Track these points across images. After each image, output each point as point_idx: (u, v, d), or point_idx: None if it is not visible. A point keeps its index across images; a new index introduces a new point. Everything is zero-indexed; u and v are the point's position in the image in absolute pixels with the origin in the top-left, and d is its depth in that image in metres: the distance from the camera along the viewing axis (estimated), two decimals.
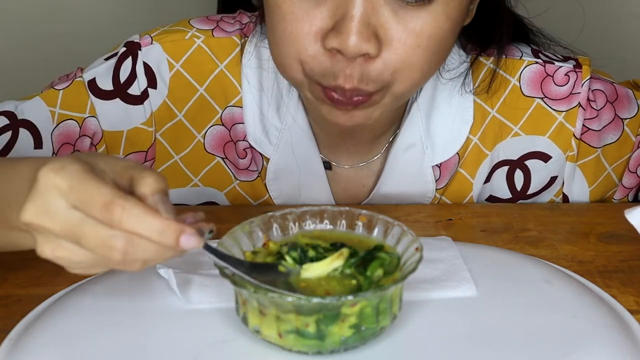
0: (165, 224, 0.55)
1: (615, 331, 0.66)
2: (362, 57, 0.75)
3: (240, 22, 0.96)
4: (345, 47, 0.74)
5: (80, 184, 0.55)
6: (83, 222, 0.55)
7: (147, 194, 0.56)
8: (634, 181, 0.98)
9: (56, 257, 0.57)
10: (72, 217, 0.55)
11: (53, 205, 0.55)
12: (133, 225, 0.54)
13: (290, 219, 0.69)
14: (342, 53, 0.75)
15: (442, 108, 0.94)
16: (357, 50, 0.74)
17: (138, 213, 0.54)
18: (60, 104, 0.93)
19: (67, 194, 0.55)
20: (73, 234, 0.55)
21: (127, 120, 0.95)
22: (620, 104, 0.97)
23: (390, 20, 0.75)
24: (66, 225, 0.55)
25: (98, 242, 0.55)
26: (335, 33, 0.74)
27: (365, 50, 0.74)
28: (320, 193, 0.96)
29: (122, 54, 0.94)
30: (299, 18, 0.76)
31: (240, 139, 0.96)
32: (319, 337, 0.59)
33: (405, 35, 0.76)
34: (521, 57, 0.96)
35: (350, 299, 0.57)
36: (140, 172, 0.57)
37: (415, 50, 0.76)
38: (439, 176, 0.96)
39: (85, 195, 0.55)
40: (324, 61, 0.77)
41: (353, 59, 0.75)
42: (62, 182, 0.55)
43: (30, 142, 0.92)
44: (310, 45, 0.76)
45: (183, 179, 0.98)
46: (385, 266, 0.63)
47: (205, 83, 0.95)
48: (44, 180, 0.55)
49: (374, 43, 0.74)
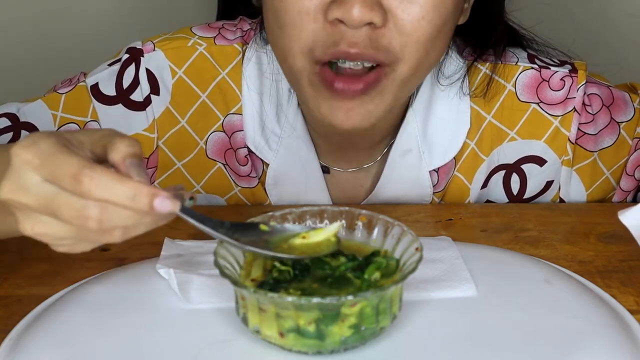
0: (137, 188, 0.54)
1: (615, 331, 0.66)
2: (367, 26, 0.75)
3: (242, 30, 0.97)
4: (349, 16, 0.73)
5: (50, 158, 0.55)
6: (57, 195, 0.55)
7: (119, 160, 0.56)
8: (632, 184, 0.98)
9: (36, 234, 0.57)
10: (46, 190, 0.55)
11: (27, 180, 0.56)
12: (103, 193, 0.54)
13: (290, 219, 0.69)
14: (346, 23, 0.74)
15: (438, 113, 0.94)
16: (361, 19, 0.73)
17: (106, 181, 0.54)
18: (63, 108, 0.94)
19: (38, 168, 0.55)
20: (49, 207, 0.56)
21: (129, 126, 0.95)
22: (617, 107, 0.97)
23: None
24: (41, 199, 0.56)
25: (73, 214, 0.55)
26: (338, 4, 0.74)
27: (370, 19, 0.74)
28: (319, 197, 0.96)
29: (125, 61, 0.94)
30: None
31: (240, 147, 0.96)
32: (318, 337, 0.59)
33: (409, 5, 0.76)
34: (517, 62, 0.96)
35: (350, 299, 0.57)
36: (113, 139, 0.58)
37: (420, 22, 0.76)
38: (437, 181, 0.96)
39: (55, 168, 0.55)
40: (324, 34, 0.76)
41: (358, 28, 0.75)
42: (34, 157, 0.55)
43: None
44: (310, 21, 0.76)
45: (186, 186, 0.98)
46: (383, 269, 0.63)
47: (207, 90, 0.95)
48: (16, 157, 0.56)
49: (378, 11, 0.74)
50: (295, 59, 0.79)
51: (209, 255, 0.63)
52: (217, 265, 0.61)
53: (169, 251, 0.75)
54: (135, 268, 0.75)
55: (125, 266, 0.76)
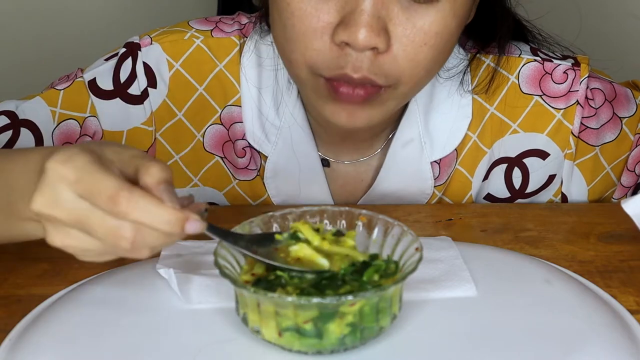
0: (172, 213, 0.57)
1: (615, 331, 0.66)
2: (371, 51, 0.75)
3: (239, 23, 0.97)
4: (354, 39, 0.74)
5: (87, 175, 0.57)
6: (91, 212, 0.57)
7: (152, 184, 0.58)
8: (632, 180, 0.98)
9: (65, 246, 0.59)
10: (80, 207, 0.57)
11: (61, 195, 0.57)
12: (140, 215, 0.56)
13: (291, 219, 0.69)
14: (351, 46, 0.75)
15: (440, 104, 0.94)
16: (367, 43, 0.74)
17: (144, 204, 0.56)
18: (61, 104, 0.94)
19: (74, 184, 0.57)
20: (81, 223, 0.57)
21: (127, 120, 0.95)
22: (619, 102, 0.97)
23: (400, 16, 0.75)
24: (74, 215, 0.57)
25: (106, 232, 0.57)
26: (344, 27, 0.74)
27: (375, 44, 0.74)
28: (318, 191, 0.96)
29: (122, 55, 0.95)
30: (307, 14, 0.76)
31: (239, 138, 0.96)
32: (317, 336, 0.59)
33: (413, 32, 0.76)
34: (520, 54, 0.96)
35: (349, 299, 0.57)
36: (146, 162, 0.59)
37: (422, 48, 0.77)
38: (438, 174, 0.96)
39: (91, 186, 0.56)
40: (330, 55, 0.77)
41: (362, 52, 0.75)
42: (70, 173, 0.57)
43: (31, 142, 0.92)
44: (316, 40, 0.76)
45: (183, 179, 0.98)
46: (381, 272, 0.63)
47: (204, 82, 0.95)
48: (51, 172, 0.57)
49: (383, 37, 0.75)
50: (299, 69, 0.80)
51: (209, 255, 0.63)
52: (217, 265, 0.61)
53: (168, 251, 0.75)
54: (135, 268, 0.74)
55: (125, 266, 0.75)
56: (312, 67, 0.78)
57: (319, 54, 0.77)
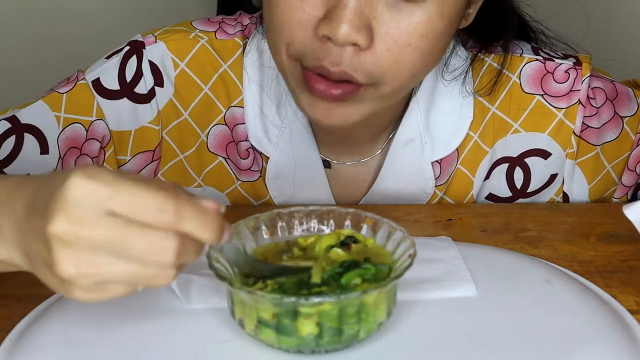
0: (218, 221, 0.55)
1: (615, 331, 0.66)
2: (352, 47, 0.75)
3: (242, 24, 0.97)
4: (335, 34, 0.74)
5: (122, 189, 0.52)
6: (126, 228, 0.52)
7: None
8: (633, 179, 0.98)
9: (80, 274, 0.53)
10: (115, 223, 0.52)
11: (90, 211, 0.52)
12: (187, 225, 0.53)
13: (297, 218, 0.69)
14: (332, 41, 0.74)
15: (441, 104, 0.94)
16: (347, 38, 0.74)
17: (192, 213, 0.53)
18: (65, 108, 0.92)
19: (108, 200, 0.52)
20: (113, 242, 0.52)
21: (135, 119, 0.94)
22: (620, 102, 0.97)
23: (385, 14, 0.75)
24: (108, 232, 0.52)
25: (147, 246, 0.52)
26: (327, 21, 0.74)
27: (355, 40, 0.74)
28: (319, 191, 0.96)
29: (127, 53, 0.94)
30: (292, 5, 0.76)
31: (242, 140, 0.96)
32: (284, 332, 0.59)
33: (397, 31, 0.75)
34: (521, 54, 0.96)
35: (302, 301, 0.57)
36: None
37: (406, 48, 0.76)
38: (440, 173, 0.96)
39: (129, 199, 0.52)
40: (312, 48, 0.76)
41: (343, 47, 0.75)
42: (101, 188, 0.52)
43: (36, 147, 0.91)
44: (300, 32, 0.76)
45: (187, 179, 0.98)
46: (369, 276, 0.63)
47: (209, 82, 0.95)
48: (78, 189, 0.52)
49: (364, 34, 0.74)
50: (282, 57, 0.80)
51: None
52: (212, 268, 0.61)
53: None
54: None
55: None
56: (293, 53, 0.78)
57: (302, 45, 0.77)
